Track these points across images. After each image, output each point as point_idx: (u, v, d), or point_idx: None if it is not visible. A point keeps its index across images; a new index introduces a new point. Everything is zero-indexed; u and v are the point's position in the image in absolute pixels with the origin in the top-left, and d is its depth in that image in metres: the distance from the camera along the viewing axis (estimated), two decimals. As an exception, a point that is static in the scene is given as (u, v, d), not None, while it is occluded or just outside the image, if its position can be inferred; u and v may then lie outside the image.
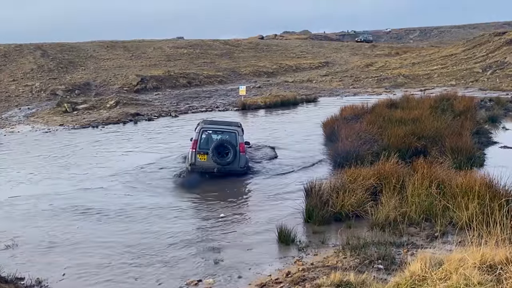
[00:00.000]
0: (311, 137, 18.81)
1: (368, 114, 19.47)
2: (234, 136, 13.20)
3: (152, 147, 17.55)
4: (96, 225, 9.93)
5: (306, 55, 55.14)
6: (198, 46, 51.79)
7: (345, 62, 51.20)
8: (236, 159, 12.98)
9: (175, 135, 19.74)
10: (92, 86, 33.81)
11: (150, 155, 16.02)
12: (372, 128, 15.93)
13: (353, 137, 14.66)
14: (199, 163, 13.03)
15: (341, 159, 13.45)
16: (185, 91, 34.14)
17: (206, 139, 13.25)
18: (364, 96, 32.41)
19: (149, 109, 27.17)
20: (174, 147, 17.00)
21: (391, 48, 60.64)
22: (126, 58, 44.43)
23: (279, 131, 20.35)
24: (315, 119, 21.88)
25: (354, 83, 40.20)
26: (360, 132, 15.40)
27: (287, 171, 13.89)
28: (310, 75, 43.30)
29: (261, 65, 46.40)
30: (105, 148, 17.73)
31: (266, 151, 16.35)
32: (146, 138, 19.52)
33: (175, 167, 14.12)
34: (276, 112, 27.02)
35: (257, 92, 34.32)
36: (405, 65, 47.25)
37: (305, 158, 15.37)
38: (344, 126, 16.84)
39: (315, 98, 31.81)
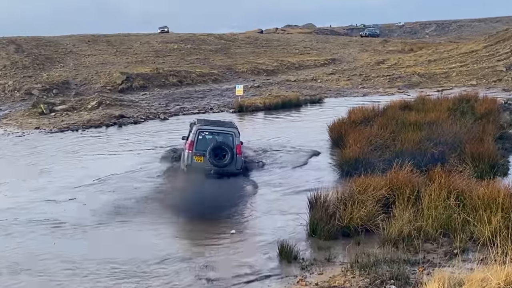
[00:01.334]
0: (316, 143, 18.81)
1: (379, 117, 19.49)
2: (231, 138, 14.13)
3: (137, 153, 17.59)
4: (73, 241, 9.92)
5: (310, 51, 55.31)
6: (189, 41, 51.94)
7: (353, 59, 51.34)
8: (233, 161, 13.86)
9: (163, 140, 19.74)
10: (72, 85, 33.85)
11: (133, 162, 16.10)
12: (383, 133, 15.96)
13: (362, 143, 14.69)
14: (195, 164, 13.89)
15: (349, 167, 13.46)
16: (176, 91, 34.18)
17: (203, 140, 14.08)
18: (375, 97, 32.43)
19: (135, 110, 27.18)
20: (161, 153, 17.00)
21: (404, 44, 60.88)
22: (110, 54, 44.50)
23: (280, 136, 20.42)
24: (320, 122, 21.85)
25: (363, 82, 40.29)
26: (371, 137, 15.43)
27: (289, 180, 13.96)
28: (315, 74, 43.41)
29: (260, 62, 46.52)
30: (85, 154, 17.76)
31: (266, 157, 16.49)
32: (132, 143, 19.51)
33: (156, 175, 14.48)
34: (277, 114, 27.04)
35: (256, 92, 34.37)
36: (420, 62, 47.43)
37: (309, 166, 15.39)
38: (352, 130, 16.89)
39: (320, 99, 31.87)
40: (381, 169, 12.54)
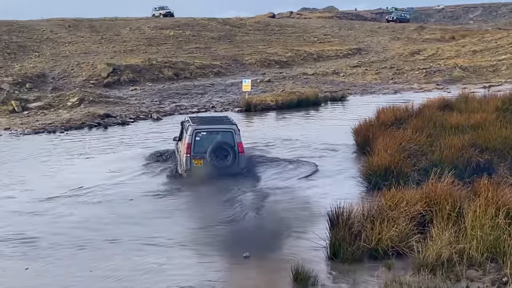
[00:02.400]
0: (338, 148, 18.86)
1: (414, 118, 19.44)
2: (231, 135, 15.11)
3: (124, 160, 17.72)
4: (48, 266, 9.97)
5: (331, 39, 55.36)
6: (188, 27, 52.20)
7: (383, 49, 51.28)
8: (236, 161, 14.94)
9: (156, 144, 19.83)
10: (49, 78, 34.12)
11: (119, 170, 16.28)
12: (419, 137, 15.96)
13: (393, 149, 14.70)
14: (195, 168, 14.86)
15: (378, 177, 13.48)
16: (171, 86, 34.35)
17: (201, 142, 15.01)
18: (409, 94, 32.37)
19: (124, 109, 27.35)
20: (152, 162, 17.12)
21: (444, 31, 60.76)
22: (94, 42, 44.81)
23: (295, 140, 20.48)
24: (343, 124, 21.87)
25: (395, 76, 40.22)
26: (403, 142, 15.44)
27: (306, 193, 14.03)
28: (337, 66, 43.41)
29: (271, 52, 46.62)
30: (63, 160, 17.92)
31: (279, 165, 16.63)
32: (118, 148, 19.60)
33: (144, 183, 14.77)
34: (291, 114, 27.09)
35: (266, 88, 34.43)
36: (463, 53, 47.29)
37: (330, 176, 15.47)
38: (381, 133, 16.92)
39: (343, 96, 31.88)
40: (415, 180, 12.57)
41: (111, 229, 11.65)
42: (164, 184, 15.13)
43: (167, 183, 15.18)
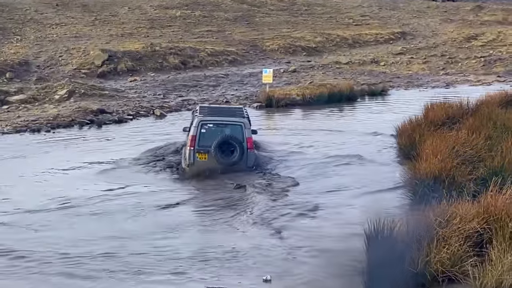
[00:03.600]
0: (377, 152, 18.87)
1: (470, 116, 19.40)
2: (240, 129, 16.27)
3: (119, 166, 17.84)
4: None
5: (370, 22, 55.12)
6: (199, 6, 52.34)
7: (432, 33, 50.94)
8: (244, 158, 16.12)
9: (157, 145, 19.97)
10: (33, 67, 34.38)
11: (115, 179, 16.40)
12: (476, 140, 15.89)
13: (444, 153, 14.66)
14: (199, 163, 16.06)
15: (425, 188, 13.45)
16: (177, 76, 34.44)
17: (207, 134, 16.21)
18: (463, 88, 32.10)
19: (121, 103, 27.48)
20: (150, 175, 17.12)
21: (507, 12, 60.15)
22: (86, 24, 45.08)
23: (326, 142, 20.52)
24: (384, 123, 21.78)
25: (447, 66, 39.93)
26: (457, 146, 15.40)
27: (338, 203, 14.12)
28: (377, 54, 43.21)
29: (297, 36, 46.54)
30: (45, 166, 17.93)
31: (308, 171, 16.89)
32: (113, 150, 19.70)
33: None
34: (321, 111, 27.05)
35: (291, 79, 34.38)
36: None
37: (367, 185, 15.50)
38: (430, 135, 16.92)
39: (383, 89, 31.74)
40: (471, 192, 12.51)
41: (104, 244, 11.80)
42: (165, 187, 15.41)
43: (169, 186, 15.48)
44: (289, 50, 43.43)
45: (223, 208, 14.29)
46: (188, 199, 15.07)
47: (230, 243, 12.01)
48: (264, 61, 40.15)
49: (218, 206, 14.44)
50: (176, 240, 12.34)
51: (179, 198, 15.03)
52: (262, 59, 40.85)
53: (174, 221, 13.40)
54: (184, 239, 12.41)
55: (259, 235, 12.46)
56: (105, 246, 11.80)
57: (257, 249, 11.71)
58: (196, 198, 15.26)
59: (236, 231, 12.85)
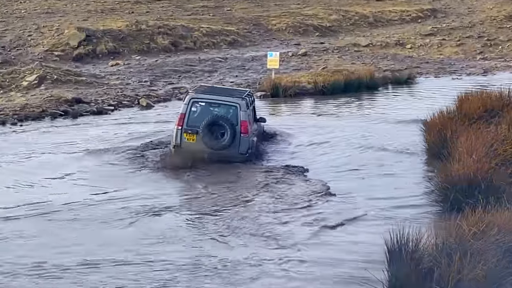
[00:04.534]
0: (402, 151, 18.94)
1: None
2: (235, 111, 17.01)
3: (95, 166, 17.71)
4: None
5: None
6: (193, -22, 52.37)
7: (468, 10, 50.90)
8: (235, 142, 16.84)
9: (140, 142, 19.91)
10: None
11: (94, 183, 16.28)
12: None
13: (481, 152, 14.60)
14: (186, 145, 16.93)
15: (458, 193, 13.45)
16: (167, 60, 34.43)
17: (197, 113, 17.15)
18: (504, 75, 32.06)
19: (100, 91, 27.44)
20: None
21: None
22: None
23: (343, 137, 20.64)
24: (410, 117, 21.80)
25: (484, 50, 39.89)
26: (496, 143, 15.35)
27: (356, 209, 14.25)
28: (402, 34, 43.19)
29: (308, 13, 46.51)
30: (12, 165, 17.85)
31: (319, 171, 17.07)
32: (89, 147, 19.66)
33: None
34: (336, 101, 27.03)
35: (301, 64, 34.35)
36: None
37: (390, 189, 15.59)
38: (465, 130, 16.87)
39: (410, 77, 31.73)
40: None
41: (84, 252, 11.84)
42: (151, 189, 15.52)
43: (155, 187, 15.63)
44: (299, 30, 43.44)
45: (215, 212, 14.32)
46: (176, 203, 15.04)
47: (221, 253, 12.07)
48: (269, 42, 40.16)
49: (210, 209, 14.47)
50: (162, 248, 12.33)
51: (166, 201, 14.97)
52: (267, 40, 40.87)
53: (161, 228, 13.37)
54: (172, 247, 12.42)
55: (253, 244, 12.52)
56: (82, 256, 11.77)
57: (250, 260, 11.79)
58: (185, 202, 15.22)
59: (228, 239, 12.87)
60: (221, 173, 16.83)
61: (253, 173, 16.87)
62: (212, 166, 16.98)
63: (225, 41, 39.27)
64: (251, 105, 18.28)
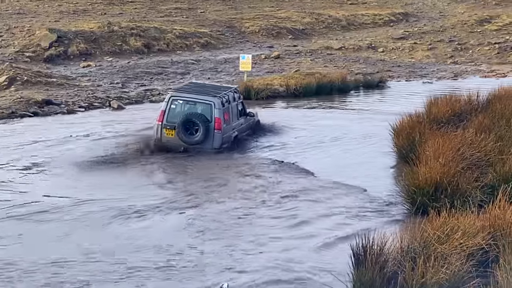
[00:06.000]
0: (370, 154, 18.95)
1: (480, 113, 19.47)
2: (209, 108, 18.47)
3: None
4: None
5: (367, 0, 55.31)
6: (166, -21, 52.22)
7: (439, 14, 51.24)
8: (209, 138, 18.33)
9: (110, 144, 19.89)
10: (-33, 48, 34.14)
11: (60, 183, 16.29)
12: (485, 140, 15.94)
13: (448, 156, 14.67)
14: (166, 139, 18.51)
15: (424, 196, 13.48)
16: (140, 62, 34.35)
17: (176, 110, 18.64)
18: (474, 80, 32.35)
19: (71, 93, 27.31)
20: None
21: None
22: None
23: (311, 141, 20.64)
24: (380, 120, 21.89)
25: (455, 54, 40.19)
26: (463, 147, 15.42)
27: (323, 214, 14.18)
28: (374, 38, 43.37)
29: (282, 16, 46.59)
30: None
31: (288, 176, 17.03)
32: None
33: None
34: (308, 104, 27.11)
35: (274, 67, 34.40)
36: (553, 22, 47.21)
37: (356, 193, 15.57)
38: (432, 135, 16.90)
39: (381, 80, 31.89)
40: (477, 202, 12.60)
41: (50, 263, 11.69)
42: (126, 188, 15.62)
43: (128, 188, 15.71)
44: (272, 32, 43.47)
45: (189, 208, 14.51)
46: (147, 204, 15.02)
47: (193, 251, 12.15)
48: (242, 45, 40.17)
49: (184, 205, 14.67)
50: (131, 246, 12.35)
51: (136, 203, 14.89)
52: (240, 42, 40.86)
53: (134, 231, 13.32)
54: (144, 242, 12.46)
55: (223, 242, 12.61)
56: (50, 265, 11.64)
57: (217, 256, 11.87)
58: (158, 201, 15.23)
59: (199, 236, 12.95)
60: (193, 166, 17.78)
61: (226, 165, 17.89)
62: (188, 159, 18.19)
63: (198, 43, 39.23)
64: (233, 102, 19.58)
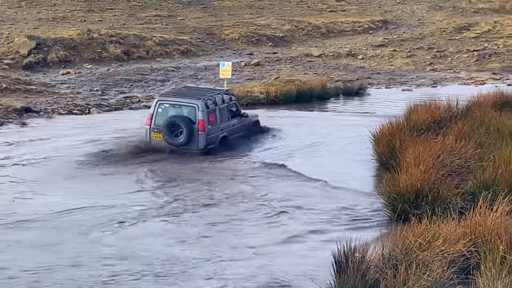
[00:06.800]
0: (351, 161, 18.99)
1: (459, 120, 19.59)
2: (193, 111, 19.13)
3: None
4: None
5: (347, 8, 55.48)
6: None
7: (418, 22, 51.40)
8: (193, 139, 18.96)
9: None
10: None
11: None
12: (465, 147, 16.05)
13: (428, 163, 14.74)
14: (154, 142, 19.23)
15: (405, 203, 13.54)
16: (119, 69, 34.20)
17: (163, 114, 19.26)
18: (453, 87, 32.36)
19: (50, 100, 27.20)
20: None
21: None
22: (10, 5, 44.57)
23: (292, 148, 20.64)
24: (360, 127, 21.87)
25: (434, 61, 40.28)
26: (443, 154, 15.51)
27: (304, 221, 14.17)
28: (354, 45, 43.42)
29: (262, 23, 46.56)
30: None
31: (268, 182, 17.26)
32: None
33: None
34: (288, 111, 27.11)
35: (254, 74, 34.34)
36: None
37: (337, 201, 15.58)
38: (412, 142, 16.98)
39: (361, 87, 31.87)
40: (458, 208, 12.65)
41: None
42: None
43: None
44: (252, 39, 43.40)
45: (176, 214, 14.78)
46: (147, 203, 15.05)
47: (176, 259, 12.25)
48: (222, 52, 40.07)
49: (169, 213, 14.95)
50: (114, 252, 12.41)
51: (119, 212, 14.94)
52: (220, 50, 40.78)
53: (117, 239, 13.45)
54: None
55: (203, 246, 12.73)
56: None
57: (199, 263, 11.98)
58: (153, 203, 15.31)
59: (182, 243, 13.10)
60: (179, 171, 18.25)
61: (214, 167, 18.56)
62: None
63: (178, 51, 39.12)
64: (222, 104, 20.19)
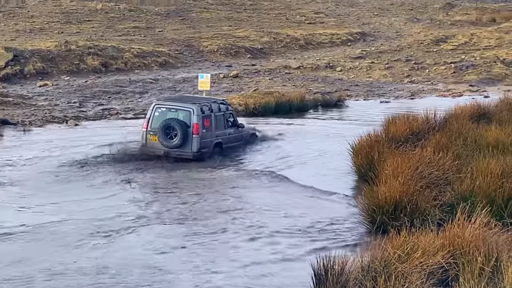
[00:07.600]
0: (329, 174, 19.00)
1: (437, 132, 19.67)
2: (188, 115, 19.64)
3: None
4: None
5: (325, 20, 55.74)
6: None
7: (396, 34, 51.85)
8: (188, 142, 19.42)
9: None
10: None
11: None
12: (443, 159, 16.07)
13: (407, 175, 14.75)
14: (150, 144, 19.84)
15: (384, 215, 13.52)
16: (97, 81, 34.14)
17: (159, 118, 19.85)
18: (431, 99, 32.66)
19: (28, 112, 27.04)
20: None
21: (481, 11, 61.65)
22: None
23: (270, 161, 20.64)
24: (338, 139, 21.91)
25: (412, 73, 40.57)
26: (421, 166, 15.52)
27: (281, 236, 14.08)
28: (332, 57, 43.65)
29: (240, 35, 46.69)
30: None
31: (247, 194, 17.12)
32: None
33: None
34: (266, 123, 27.04)
35: (232, 86, 34.41)
36: (506, 42, 47.94)
37: (316, 213, 15.52)
38: (391, 154, 16.97)
39: (339, 99, 32.01)
40: (436, 220, 12.62)
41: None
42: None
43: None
44: (230, 51, 43.53)
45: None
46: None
47: (162, 270, 12.09)
48: (201, 64, 40.16)
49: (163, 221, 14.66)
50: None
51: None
52: (199, 61, 40.86)
53: (104, 251, 13.05)
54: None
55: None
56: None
57: (181, 275, 11.82)
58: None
59: (168, 254, 12.89)
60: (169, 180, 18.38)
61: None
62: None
63: (156, 62, 39.13)
64: (218, 112, 20.58)
